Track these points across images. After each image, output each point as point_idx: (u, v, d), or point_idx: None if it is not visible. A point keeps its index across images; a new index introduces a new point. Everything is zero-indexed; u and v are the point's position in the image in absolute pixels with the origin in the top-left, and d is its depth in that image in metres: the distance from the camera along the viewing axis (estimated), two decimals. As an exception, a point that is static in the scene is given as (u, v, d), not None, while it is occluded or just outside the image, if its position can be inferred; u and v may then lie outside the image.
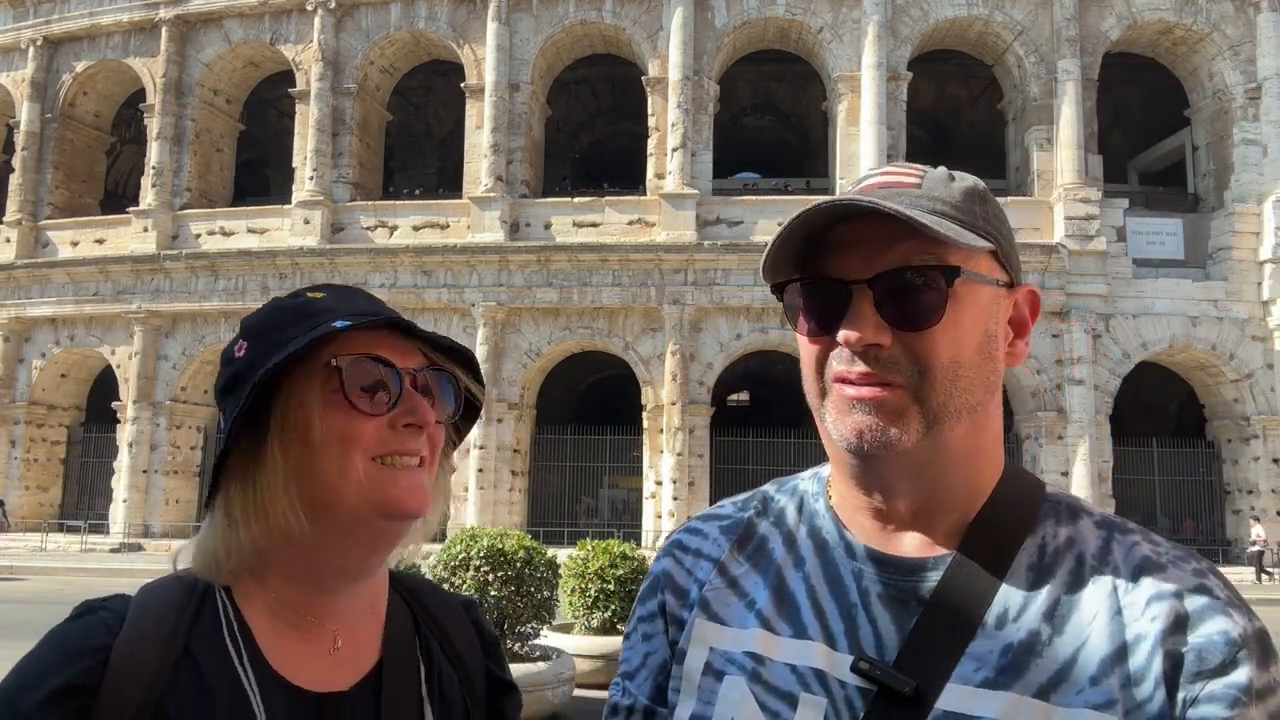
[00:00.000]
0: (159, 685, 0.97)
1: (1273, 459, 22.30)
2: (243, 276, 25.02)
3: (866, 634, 0.93)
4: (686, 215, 23.55)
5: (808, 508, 1.06)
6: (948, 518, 0.96)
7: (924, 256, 0.92)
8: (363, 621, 1.13)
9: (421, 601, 1.22)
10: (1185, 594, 0.87)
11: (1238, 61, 23.28)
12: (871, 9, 23.61)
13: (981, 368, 0.94)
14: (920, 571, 0.94)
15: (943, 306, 0.91)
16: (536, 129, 26.03)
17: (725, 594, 1.04)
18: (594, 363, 28.23)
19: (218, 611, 1.05)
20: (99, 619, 1.01)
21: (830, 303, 0.94)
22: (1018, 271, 1.00)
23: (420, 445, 1.07)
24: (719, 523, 1.11)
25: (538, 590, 7.31)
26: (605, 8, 24.88)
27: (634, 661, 1.09)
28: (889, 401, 0.91)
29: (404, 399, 1.07)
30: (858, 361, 0.92)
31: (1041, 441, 22.40)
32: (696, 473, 22.65)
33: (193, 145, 26.75)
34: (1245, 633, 0.84)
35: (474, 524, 21.06)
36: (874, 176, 0.99)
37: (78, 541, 24.25)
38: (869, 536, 0.98)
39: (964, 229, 0.92)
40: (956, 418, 0.92)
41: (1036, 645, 0.88)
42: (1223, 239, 22.91)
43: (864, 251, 0.93)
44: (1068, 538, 0.94)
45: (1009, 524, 0.95)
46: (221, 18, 26.70)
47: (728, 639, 1.00)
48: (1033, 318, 1.01)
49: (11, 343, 26.49)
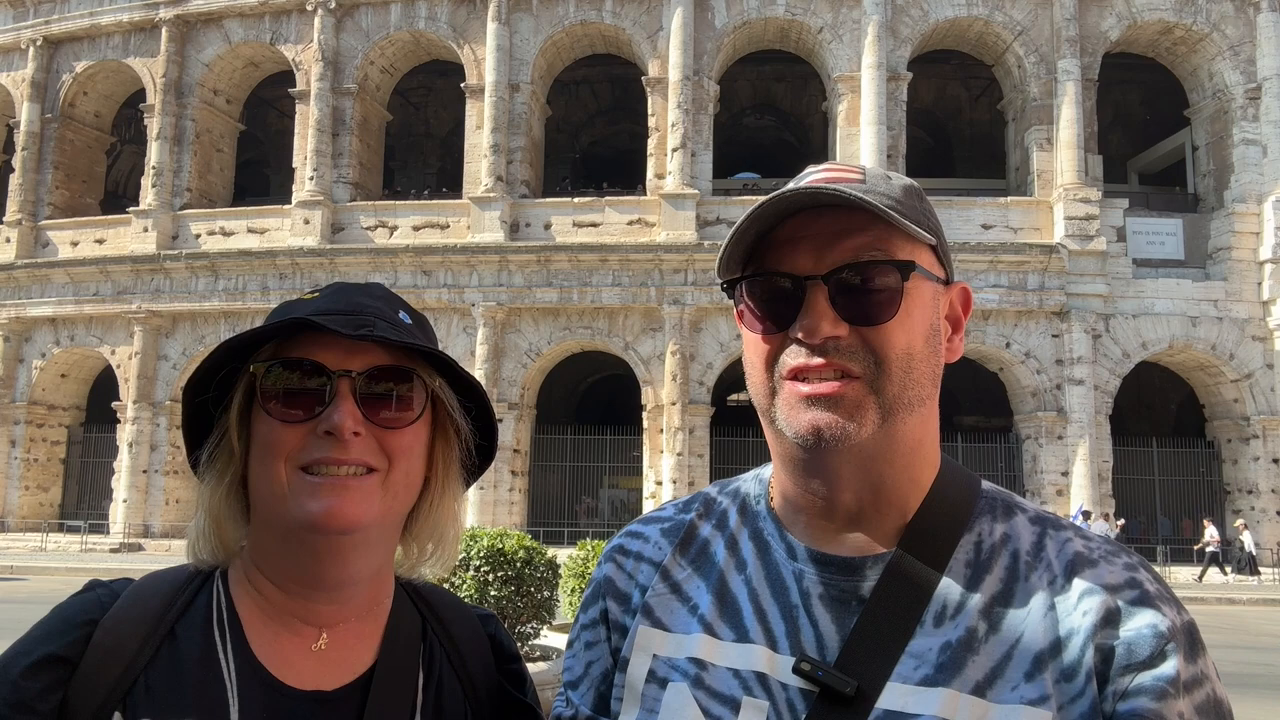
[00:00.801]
0: (137, 665, 0.98)
1: (1273, 459, 22.30)
2: (243, 276, 25.02)
3: (808, 635, 0.93)
4: (686, 215, 23.55)
5: (750, 510, 1.05)
6: (889, 515, 0.96)
7: (874, 251, 0.92)
8: (357, 624, 1.10)
9: (435, 610, 1.19)
10: (1116, 589, 0.88)
11: (1238, 61, 23.28)
12: (871, 9, 23.61)
13: (929, 360, 0.95)
14: (860, 570, 0.94)
15: (899, 301, 0.92)
16: (536, 129, 26.03)
17: (668, 599, 1.02)
18: (594, 363, 28.23)
19: (210, 599, 1.05)
20: (95, 596, 1.03)
21: (783, 299, 0.94)
22: (951, 269, 1.01)
23: (348, 454, 1.00)
24: (660, 525, 1.10)
25: (538, 590, 7.30)
26: (605, 8, 24.87)
27: (577, 670, 1.08)
28: (848, 395, 0.91)
29: (333, 403, 1.01)
30: (815, 355, 0.91)
31: (1041, 441, 22.40)
32: (696, 473, 22.66)
33: (193, 145, 26.75)
34: (1174, 625, 0.86)
35: (474, 524, 21.07)
36: (816, 173, 0.99)
37: (78, 541, 24.26)
38: (810, 537, 0.98)
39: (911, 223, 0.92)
40: (909, 410, 0.93)
41: (974, 642, 0.88)
42: (1223, 239, 22.91)
43: (813, 246, 0.93)
44: (1003, 534, 0.95)
45: (946, 521, 0.95)
46: (221, 18, 26.70)
47: (670, 645, 0.99)
48: (965, 313, 1.03)
49: (11, 343, 26.50)
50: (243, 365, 1.06)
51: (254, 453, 1.04)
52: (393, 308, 1.10)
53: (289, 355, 1.03)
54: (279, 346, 1.04)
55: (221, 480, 1.06)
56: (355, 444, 1.01)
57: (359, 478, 1.02)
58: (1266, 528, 22.05)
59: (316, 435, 1.01)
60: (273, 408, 1.02)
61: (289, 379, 1.02)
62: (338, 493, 1.00)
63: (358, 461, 1.01)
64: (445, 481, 1.14)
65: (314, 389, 1.02)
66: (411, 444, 1.07)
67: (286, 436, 1.01)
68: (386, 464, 1.04)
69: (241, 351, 1.06)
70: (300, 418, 1.01)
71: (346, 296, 1.09)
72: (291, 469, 1.01)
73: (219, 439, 1.07)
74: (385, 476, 1.04)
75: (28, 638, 0.99)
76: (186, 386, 1.06)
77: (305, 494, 1.00)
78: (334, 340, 1.03)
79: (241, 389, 1.06)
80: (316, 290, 1.11)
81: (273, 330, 1.03)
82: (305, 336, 1.03)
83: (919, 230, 0.92)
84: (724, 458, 23.40)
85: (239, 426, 1.05)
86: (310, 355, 1.03)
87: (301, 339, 1.04)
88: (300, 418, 1.01)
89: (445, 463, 1.13)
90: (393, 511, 1.07)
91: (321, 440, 1.01)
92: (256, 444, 1.03)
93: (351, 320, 1.03)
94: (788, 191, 0.92)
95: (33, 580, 18.28)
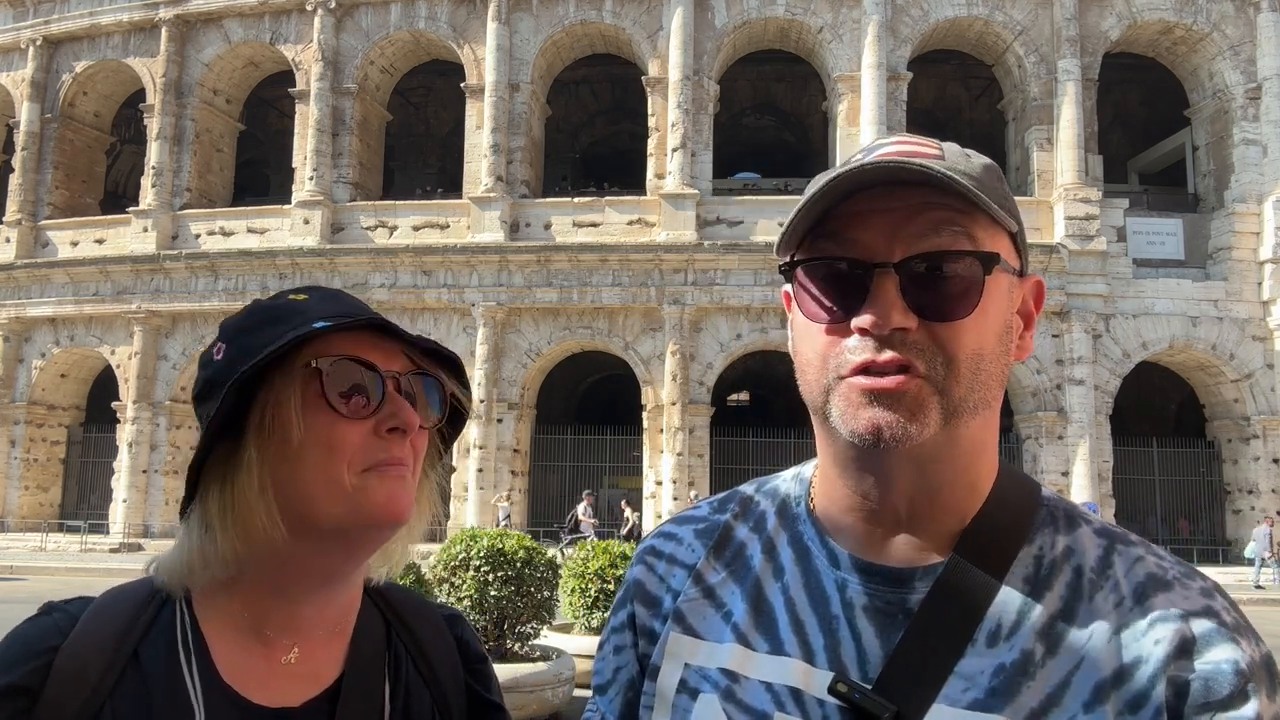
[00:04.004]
0: (101, 691, 0.96)
1: (1273, 459, 22.29)
2: (243, 276, 25.02)
3: (849, 649, 0.87)
4: (686, 215, 23.54)
5: (789, 512, 0.99)
6: (943, 521, 0.89)
7: (955, 231, 0.83)
8: (326, 637, 1.08)
9: (399, 615, 1.17)
10: (1191, 616, 0.81)
11: (1238, 61, 23.27)
12: (871, 9, 23.60)
13: (999, 360, 0.87)
14: (909, 582, 0.87)
15: (978, 297, 0.84)
16: (536, 129, 26.02)
17: (701, 605, 0.97)
18: (594, 363, 28.23)
19: (174, 620, 1.03)
20: (52, 621, 1.00)
21: (848, 285, 0.85)
22: (1027, 260, 0.93)
23: (404, 452, 1.03)
24: (694, 526, 1.04)
25: (538, 590, 7.30)
26: (605, 8, 24.87)
27: (605, 675, 1.05)
28: (910, 392, 0.83)
29: (387, 402, 1.02)
30: (885, 349, 0.83)
31: (1042, 441, 22.40)
32: (696, 473, 22.66)
33: (193, 145, 26.74)
34: (1254, 661, 0.79)
35: (474, 524, 21.07)
36: (889, 145, 0.89)
37: (78, 541, 24.24)
38: (855, 543, 0.91)
39: (996, 207, 0.84)
40: (974, 413, 0.85)
41: (1029, 666, 0.82)
42: (1223, 239, 22.91)
43: (885, 227, 0.84)
44: (1066, 548, 0.88)
45: (1004, 532, 0.88)
46: (221, 18, 26.69)
47: (703, 654, 0.94)
48: (1038, 309, 0.95)
49: (11, 343, 26.48)
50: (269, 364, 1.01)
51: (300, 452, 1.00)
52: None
53: (344, 353, 1.02)
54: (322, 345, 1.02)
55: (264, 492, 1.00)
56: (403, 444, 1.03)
57: (402, 475, 1.03)
58: (1268, 527, 22.02)
59: (377, 435, 1.01)
60: (340, 404, 1.01)
61: (355, 376, 1.02)
62: (398, 484, 1.02)
63: (404, 461, 1.03)
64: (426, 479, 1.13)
65: (368, 387, 1.02)
66: (424, 446, 1.08)
67: (349, 434, 1.00)
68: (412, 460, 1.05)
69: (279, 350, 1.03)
70: (364, 414, 1.01)
71: (346, 300, 1.08)
72: (350, 468, 1.00)
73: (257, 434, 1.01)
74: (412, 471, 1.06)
75: None
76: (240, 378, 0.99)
77: (369, 490, 1.00)
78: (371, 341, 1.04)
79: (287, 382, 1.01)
80: (301, 291, 1.09)
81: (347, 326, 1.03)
82: (341, 335, 1.03)
83: (1005, 214, 0.84)
84: (724, 458, 23.41)
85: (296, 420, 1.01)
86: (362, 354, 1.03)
87: (336, 338, 1.03)
88: (364, 414, 1.01)
89: (431, 465, 1.14)
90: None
91: (384, 438, 1.01)
92: (312, 441, 1.00)
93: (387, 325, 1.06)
94: (865, 164, 0.83)
95: (32, 580, 18.28)
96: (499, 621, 7.14)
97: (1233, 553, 22.52)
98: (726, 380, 24.49)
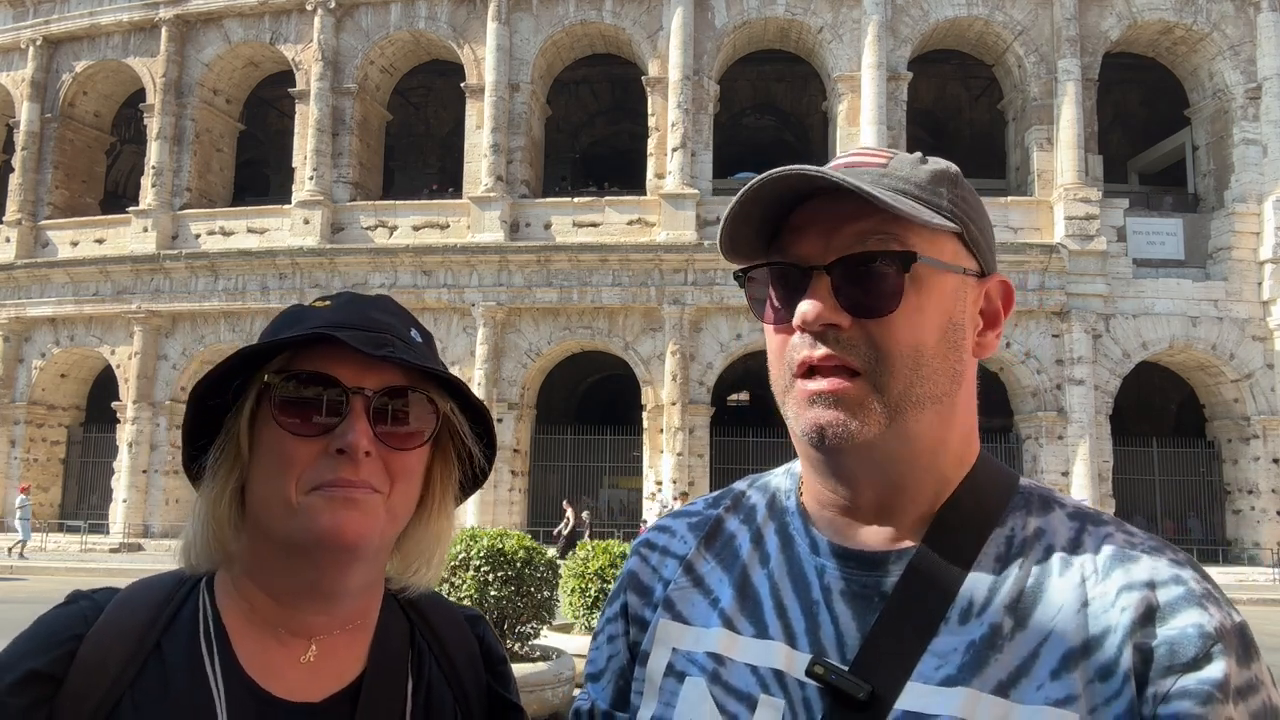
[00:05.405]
0: (122, 682, 0.96)
1: (1273, 459, 22.29)
2: (243, 276, 25.02)
3: (828, 632, 0.90)
4: (686, 215, 23.54)
5: (778, 504, 1.03)
6: (913, 510, 0.92)
7: (880, 237, 0.89)
8: (345, 633, 1.08)
9: (423, 614, 1.18)
10: (1158, 585, 0.83)
11: (1238, 61, 23.27)
12: (871, 9, 23.60)
13: (946, 357, 0.90)
14: (883, 565, 0.91)
15: (899, 293, 0.88)
16: (536, 129, 26.02)
17: (690, 592, 1.01)
18: (594, 363, 28.23)
19: (197, 611, 1.03)
20: (79, 610, 1.01)
21: (791, 288, 0.92)
22: (990, 260, 0.96)
23: (357, 475, 0.98)
24: (688, 520, 1.09)
25: (538, 590, 7.29)
26: (605, 8, 24.87)
27: (599, 663, 1.07)
28: (849, 393, 0.87)
29: (343, 421, 0.99)
30: (819, 345, 0.88)
31: (1041, 441, 22.40)
32: (696, 473, 22.66)
33: (193, 145, 26.74)
34: (1222, 626, 0.80)
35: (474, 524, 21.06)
36: (843, 158, 0.97)
37: (78, 541, 24.27)
38: (834, 531, 0.95)
39: (923, 207, 0.88)
40: (919, 408, 0.89)
41: (998, 639, 0.84)
42: (1223, 239, 22.90)
43: (821, 233, 0.90)
44: (1037, 528, 0.91)
45: (976, 515, 0.91)
46: (221, 17, 26.68)
47: (689, 639, 0.97)
48: (1005, 309, 0.98)
49: (11, 343, 26.48)
50: (255, 371, 1.03)
51: (259, 462, 1.01)
52: (405, 325, 1.08)
53: (304, 368, 1.01)
54: (292, 356, 1.02)
55: (225, 487, 1.04)
56: (365, 464, 0.99)
57: (366, 494, 1.00)
58: (1266, 528, 22.03)
59: (328, 454, 0.99)
60: (284, 420, 0.99)
61: (303, 392, 1.00)
62: (346, 507, 0.98)
63: (365, 484, 1.00)
64: (441, 503, 1.12)
65: (327, 404, 1.00)
66: (414, 466, 1.06)
67: (297, 451, 0.99)
68: (389, 487, 1.02)
69: (255, 359, 1.03)
70: (312, 432, 0.99)
71: (360, 310, 1.06)
72: (299, 486, 0.99)
73: (224, 444, 1.05)
74: (387, 499, 1.02)
75: (10, 652, 0.96)
76: (195, 391, 1.03)
77: (314, 509, 0.98)
78: (349, 355, 1.00)
79: (252, 396, 1.03)
80: (327, 298, 1.09)
81: (289, 342, 1.01)
82: (320, 349, 1.01)
83: (931, 217, 0.87)
84: (724, 458, 23.40)
85: (248, 433, 1.03)
86: (325, 369, 1.00)
87: (316, 351, 1.01)
88: (312, 432, 0.99)
89: (443, 484, 1.12)
90: (392, 529, 1.06)
91: (332, 459, 0.99)
92: (264, 455, 1.01)
93: (372, 338, 1.01)
94: (772, 174, 0.89)
95: (32, 580, 18.27)
96: (499, 621, 7.14)
97: (1232, 552, 22.52)
98: (726, 380, 24.49)
